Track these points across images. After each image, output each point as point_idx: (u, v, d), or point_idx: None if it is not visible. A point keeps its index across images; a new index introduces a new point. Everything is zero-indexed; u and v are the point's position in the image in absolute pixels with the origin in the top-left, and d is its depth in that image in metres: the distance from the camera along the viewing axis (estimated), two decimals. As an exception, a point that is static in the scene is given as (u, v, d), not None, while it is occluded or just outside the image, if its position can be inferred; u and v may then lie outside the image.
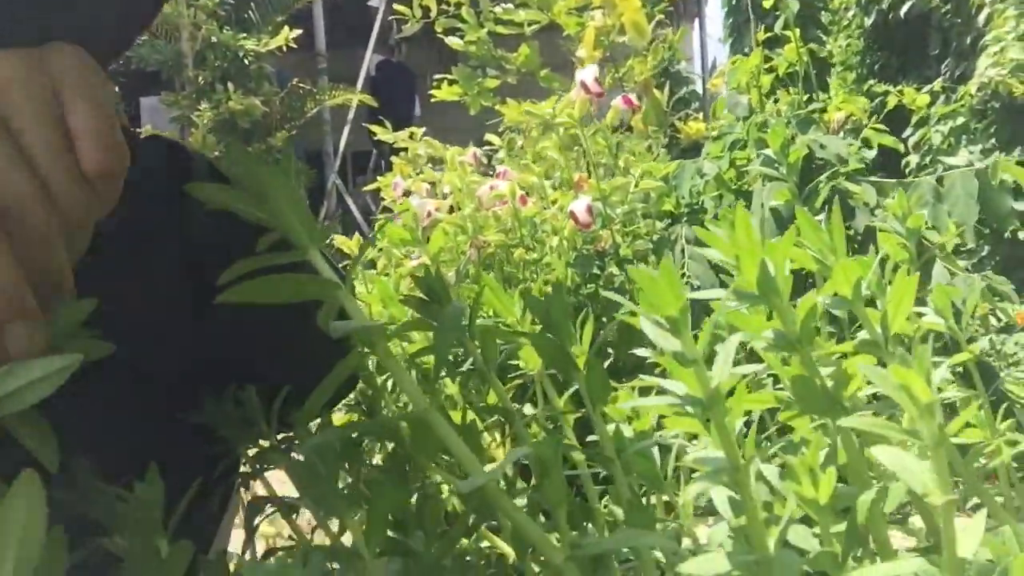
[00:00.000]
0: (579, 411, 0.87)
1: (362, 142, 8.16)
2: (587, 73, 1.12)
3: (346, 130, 8.57)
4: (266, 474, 0.83)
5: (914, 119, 2.92)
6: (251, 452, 0.80)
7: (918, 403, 0.36)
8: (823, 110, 1.40)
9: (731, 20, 4.05)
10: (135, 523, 0.49)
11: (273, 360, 0.81)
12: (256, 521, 0.76)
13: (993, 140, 2.73)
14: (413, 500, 0.60)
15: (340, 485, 0.52)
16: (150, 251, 0.63)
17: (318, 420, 0.70)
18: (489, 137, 1.96)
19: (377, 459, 0.86)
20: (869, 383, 0.48)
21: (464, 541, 0.96)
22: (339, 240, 1.23)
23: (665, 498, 0.64)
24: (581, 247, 1.17)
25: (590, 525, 0.66)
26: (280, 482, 1.04)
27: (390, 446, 0.67)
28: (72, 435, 0.65)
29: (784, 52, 1.51)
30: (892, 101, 2.86)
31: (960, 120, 2.69)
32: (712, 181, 1.32)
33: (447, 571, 0.52)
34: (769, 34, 1.56)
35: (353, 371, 0.93)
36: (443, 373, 0.81)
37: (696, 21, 10.50)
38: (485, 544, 0.97)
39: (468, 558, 0.83)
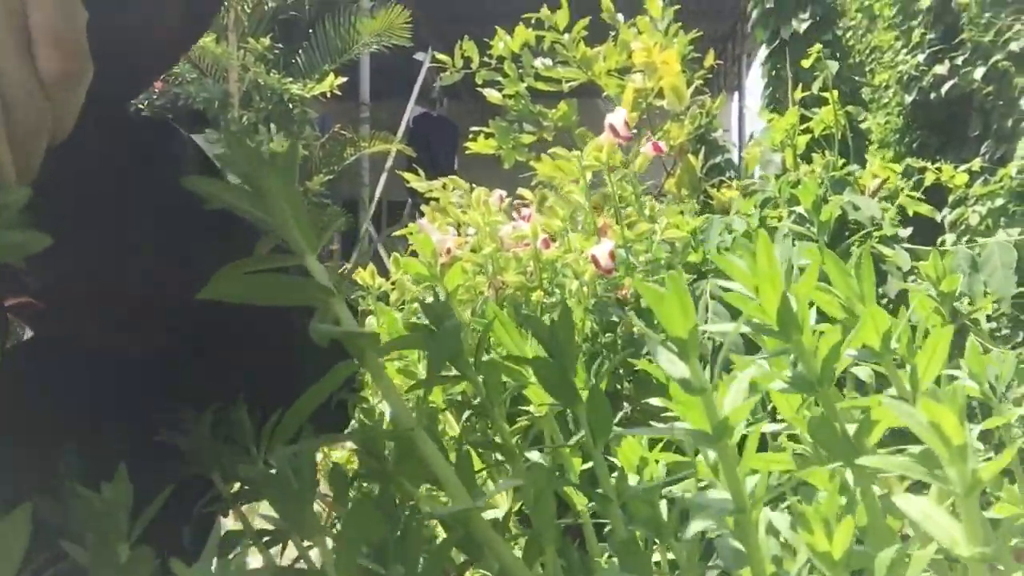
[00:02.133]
0: (585, 456, 0.82)
1: (398, 192, 8.23)
2: (616, 117, 1.11)
3: (383, 178, 8.69)
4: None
5: (951, 198, 2.88)
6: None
7: (950, 444, 0.32)
8: (858, 176, 1.37)
9: (770, 90, 4.05)
10: (98, 527, 0.46)
11: (261, 375, 0.78)
12: (230, 556, 0.72)
13: (1032, 224, 2.68)
14: (397, 530, 0.56)
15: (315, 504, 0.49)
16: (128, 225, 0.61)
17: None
18: (521, 191, 1.95)
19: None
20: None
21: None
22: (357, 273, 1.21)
23: (670, 555, 0.60)
24: (601, 294, 1.14)
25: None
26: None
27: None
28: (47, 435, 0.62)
29: (821, 113, 1.49)
30: (930, 178, 2.83)
31: (999, 202, 2.65)
32: (741, 238, 1.29)
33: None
34: (806, 94, 1.55)
35: (342, 408, 0.89)
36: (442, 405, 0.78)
37: (736, 93, 10.58)
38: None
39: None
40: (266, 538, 0.77)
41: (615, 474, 0.67)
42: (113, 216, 0.64)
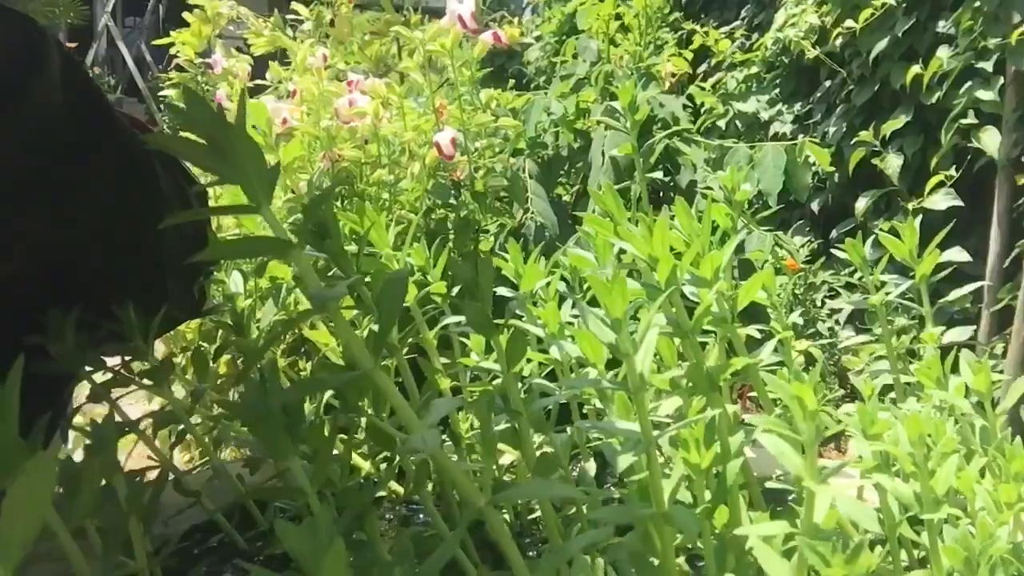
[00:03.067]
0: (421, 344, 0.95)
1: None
2: (465, 8, 1.15)
3: (124, -35, 7.78)
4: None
5: (713, 61, 3.14)
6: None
7: (805, 409, 0.47)
8: (656, 65, 1.52)
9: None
10: None
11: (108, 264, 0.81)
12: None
13: (777, 92, 3.02)
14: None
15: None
16: None
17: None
18: (296, 7, 1.91)
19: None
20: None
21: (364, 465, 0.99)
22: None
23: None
24: (437, 175, 1.22)
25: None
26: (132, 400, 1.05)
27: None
28: None
29: (633, 2, 1.60)
30: (698, 40, 3.07)
31: (754, 69, 2.94)
32: (557, 120, 1.41)
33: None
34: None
35: (201, 292, 0.95)
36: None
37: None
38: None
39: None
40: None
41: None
42: None
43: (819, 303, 2.08)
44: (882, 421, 0.63)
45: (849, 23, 2.27)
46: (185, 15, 2.02)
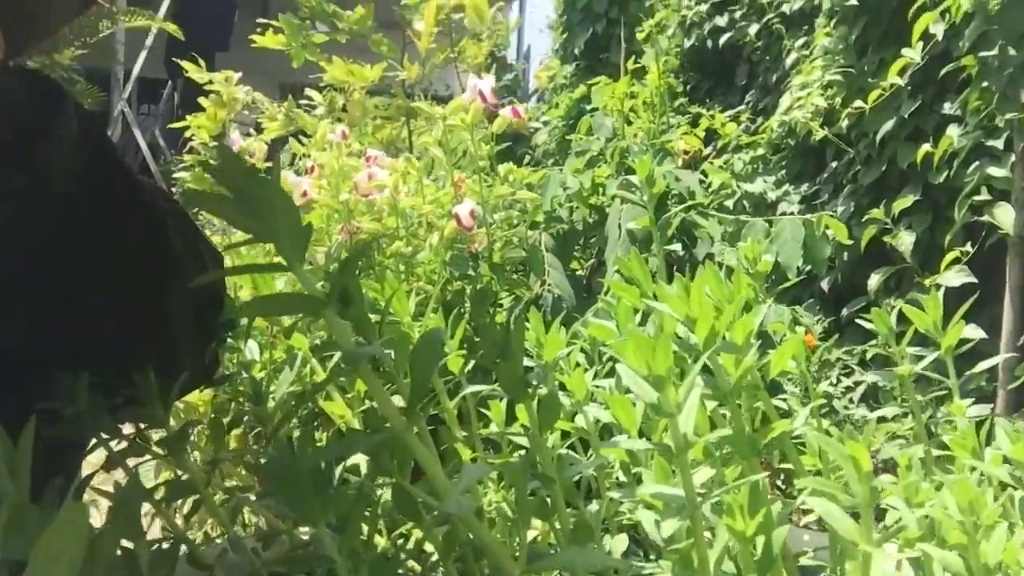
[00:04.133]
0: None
1: (152, 68, 7.62)
2: (485, 84, 1.17)
3: (142, 55, 8.01)
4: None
5: (720, 143, 3.18)
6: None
7: (860, 470, 0.45)
8: (669, 142, 1.54)
9: (564, 17, 4.20)
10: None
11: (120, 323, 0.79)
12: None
13: (783, 173, 3.06)
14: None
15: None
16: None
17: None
18: (310, 93, 1.95)
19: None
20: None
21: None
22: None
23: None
24: (455, 247, 1.22)
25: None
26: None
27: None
28: None
29: (648, 82, 1.63)
30: (704, 123, 3.11)
31: (760, 151, 2.99)
32: (572, 195, 1.42)
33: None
34: (637, 65, 1.68)
35: (214, 359, 0.94)
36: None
37: (516, 3, 10.68)
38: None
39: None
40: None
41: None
42: None
43: (835, 381, 2.06)
44: (926, 489, 0.61)
45: (857, 103, 2.31)
46: (201, 100, 2.06)
